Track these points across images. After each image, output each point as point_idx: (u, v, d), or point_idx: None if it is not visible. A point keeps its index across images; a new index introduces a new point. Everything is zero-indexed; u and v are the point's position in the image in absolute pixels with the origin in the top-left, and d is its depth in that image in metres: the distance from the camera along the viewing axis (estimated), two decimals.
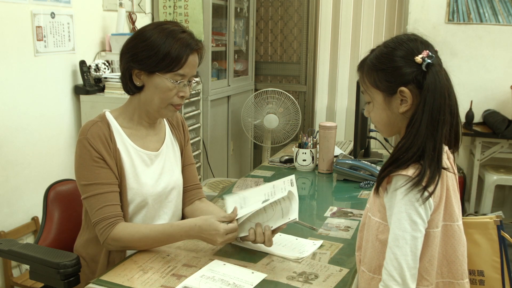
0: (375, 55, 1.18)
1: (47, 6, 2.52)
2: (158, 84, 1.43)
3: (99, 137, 1.42)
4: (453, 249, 1.15)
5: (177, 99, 1.47)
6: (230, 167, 4.04)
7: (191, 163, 1.70)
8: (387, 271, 1.08)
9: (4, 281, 2.39)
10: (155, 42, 1.41)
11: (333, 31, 4.17)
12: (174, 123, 1.67)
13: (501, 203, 3.87)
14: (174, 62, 1.41)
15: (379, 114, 1.20)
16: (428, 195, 1.07)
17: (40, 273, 1.39)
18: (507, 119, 3.45)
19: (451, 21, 3.63)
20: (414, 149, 1.09)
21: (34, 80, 2.49)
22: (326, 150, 2.25)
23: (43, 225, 1.66)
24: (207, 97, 3.43)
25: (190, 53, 1.43)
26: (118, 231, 1.38)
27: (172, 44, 1.41)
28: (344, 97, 4.23)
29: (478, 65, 3.66)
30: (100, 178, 1.40)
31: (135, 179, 1.48)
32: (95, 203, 1.39)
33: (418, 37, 1.17)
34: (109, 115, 1.49)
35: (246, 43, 4.18)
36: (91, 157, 1.40)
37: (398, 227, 1.08)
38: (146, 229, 1.39)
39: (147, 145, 1.54)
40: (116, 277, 1.28)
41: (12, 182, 2.41)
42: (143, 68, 1.43)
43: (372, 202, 1.21)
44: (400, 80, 1.13)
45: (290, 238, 1.51)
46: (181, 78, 1.44)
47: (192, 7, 3.34)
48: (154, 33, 1.42)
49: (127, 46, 1.47)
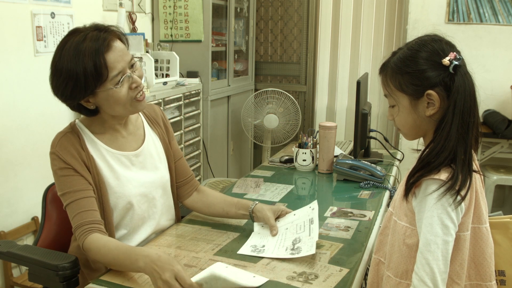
0: (399, 58, 1.16)
1: (47, 6, 2.52)
2: (106, 97, 1.39)
3: (66, 149, 1.41)
4: (481, 251, 1.15)
5: (133, 92, 1.42)
6: (230, 167, 4.04)
7: (180, 157, 1.70)
8: (419, 276, 1.07)
9: (4, 281, 2.39)
10: (68, 69, 1.33)
11: (333, 31, 4.17)
12: (152, 118, 1.65)
13: (501, 203, 3.87)
14: (98, 74, 1.34)
15: (404, 117, 1.18)
16: (461, 199, 1.06)
17: (39, 275, 1.39)
18: (507, 119, 3.45)
19: (451, 21, 3.63)
20: (445, 153, 1.08)
21: (34, 80, 2.49)
22: (326, 150, 2.25)
23: (42, 226, 1.65)
24: (207, 97, 3.43)
25: (105, 51, 1.34)
26: (89, 241, 1.33)
27: (82, 59, 1.32)
28: (344, 97, 4.23)
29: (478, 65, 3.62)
30: (72, 186, 1.39)
31: (116, 182, 1.46)
32: (71, 211, 1.39)
33: (442, 38, 1.16)
34: (79, 124, 1.48)
35: (246, 43, 4.17)
36: (60, 168, 1.40)
37: (429, 232, 1.07)
38: (112, 246, 1.31)
39: (124, 147, 1.52)
40: (116, 277, 1.28)
41: (12, 182, 2.41)
42: (81, 97, 1.38)
43: (398, 206, 1.19)
44: (427, 83, 1.11)
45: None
46: (120, 76, 1.38)
47: (192, 7, 3.34)
48: (62, 62, 1.34)
49: (53, 88, 1.40)
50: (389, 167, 2.34)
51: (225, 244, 1.49)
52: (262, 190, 2.01)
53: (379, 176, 2.08)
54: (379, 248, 1.26)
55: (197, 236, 1.55)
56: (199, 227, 1.64)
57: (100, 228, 1.37)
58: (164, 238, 1.54)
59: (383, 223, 1.27)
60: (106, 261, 1.31)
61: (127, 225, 1.51)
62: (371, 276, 1.28)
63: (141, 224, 1.54)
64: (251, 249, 1.44)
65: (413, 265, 1.10)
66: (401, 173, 2.42)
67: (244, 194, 1.95)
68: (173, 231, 1.60)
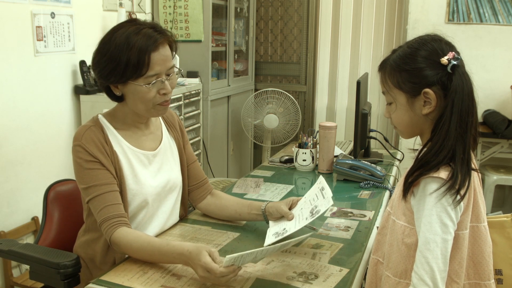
0: (398, 56, 1.16)
1: (47, 6, 2.52)
2: (134, 91, 1.41)
3: (93, 142, 1.42)
4: (479, 250, 1.15)
5: (160, 98, 1.44)
6: (230, 167, 4.04)
7: (194, 161, 1.71)
8: (418, 275, 1.07)
9: (4, 281, 2.39)
10: (113, 53, 1.38)
11: (333, 31, 4.17)
12: (169, 122, 1.67)
13: (501, 203, 3.87)
14: (138, 67, 1.37)
15: (401, 115, 1.18)
16: (461, 198, 1.06)
17: (40, 273, 1.39)
18: (507, 119, 3.45)
19: (451, 21, 3.64)
20: (444, 152, 1.08)
21: (34, 80, 2.49)
22: (326, 150, 2.25)
23: (43, 225, 1.66)
24: (207, 97, 3.43)
25: (152, 50, 1.38)
26: (118, 236, 1.36)
27: (131, 47, 1.36)
28: (344, 97, 4.23)
29: (478, 65, 3.65)
30: (98, 180, 1.40)
31: (134, 180, 1.48)
32: (97, 205, 1.39)
33: (442, 38, 1.16)
34: (102, 119, 1.49)
35: (246, 43, 4.17)
36: (86, 161, 1.40)
37: (429, 230, 1.07)
38: (145, 242, 1.34)
39: (144, 145, 1.53)
40: (116, 277, 1.28)
41: (12, 182, 2.41)
42: (113, 81, 1.42)
43: (396, 205, 1.19)
44: (424, 82, 1.12)
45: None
46: (154, 78, 1.41)
47: (192, 7, 3.34)
48: (111, 44, 1.39)
49: (93, 62, 1.45)
50: (389, 167, 2.34)
51: (225, 244, 1.49)
52: (262, 190, 2.01)
53: (379, 176, 2.08)
54: (377, 248, 1.26)
55: (197, 236, 1.55)
56: (199, 227, 1.64)
57: (126, 222, 1.40)
58: (165, 238, 1.54)
59: (381, 223, 1.27)
60: (139, 255, 1.35)
61: (137, 222, 1.52)
62: (369, 276, 1.28)
63: (150, 223, 1.55)
64: (275, 236, 1.43)
65: (412, 264, 1.10)
66: (401, 173, 2.42)
67: (244, 194, 1.95)
68: (174, 231, 1.60)
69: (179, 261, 1.28)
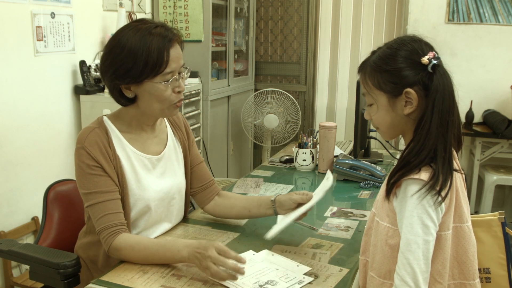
0: (378, 56, 1.16)
1: (47, 6, 2.52)
2: (151, 90, 1.39)
3: (97, 145, 1.39)
4: (464, 250, 1.15)
5: (175, 96, 1.43)
6: (230, 167, 4.04)
7: (200, 162, 1.69)
8: (400, 276, 1.07)
9: (4, 281, 2.39)
10: (131, 50, 1.35)
11: (333, 31, 4.17)
12: (175, 124, 1.65)
13: (501, 203, 3.87)
14: (157, 63, 1.36)
15: (382, 116, 1.18)
16: (442, 199, 1.06)
17: (40, 273, 1.39)
18: (507, 119, 3.45)
19: (451, 21, 3.63)
20: (425, 152, 1.08)
21: (34, 80, 2.49)
22: (326, 150, 2.25)
23: (43, 225, 1.66)
24: (207, 97, 3.43)
25: (169, 46, 1.38)
26: (119, 241, 1.35)
27: (149, 45, 1.35)
28: (344, 97, 4.23)
29: (478, 65, 3.66)
30: (99, 187, 1.38)
31: (137, 184, 1.46)
32: (96, 212, 1.38)
33: (421, 39, 1.16)
34: (107, 120, 1.46)
35: (246, 43, 4.17)
36: (89, 165, 1.38)
37: (410, 232, 1.07)
38: (149, 242, 1.35)
39: (148, 149, 1.51)
40: (116, 277, 1.28)
41: (12, 182, 2.41)
42: (130, 81, 1.38)
43: (380, 206, 1.19)
44: (405, 82, 1.12)
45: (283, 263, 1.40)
46: (170, 76, 1.39)
47: (192, 7, 3.34)
48: (127, 41, 1.36)
49: (105, 64, 1.41)
50: (389, 167, 2.34)
51: (225, 244, 1.49)
52: (262, 190, 2.01)
53: (379, 176, 2.08)
54: (365, 249, 1.25)
55: (197, 236, 1.55)
56: (199, 227, 1.64)
57: (126, 230, 1.39)
58: (165, 238, 1.54)
59: (367, 223, 1.26)
60: (142, 256, 1.33)
61: (141, 226, 1.50)
62: (360, 277, 1.27)
63: (154, 227, 1.54)
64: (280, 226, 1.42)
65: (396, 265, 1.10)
66: None
67: (244, 194, 1.95)
68: (174, 231, 1.60)
69: (184, 252, 1.27)
